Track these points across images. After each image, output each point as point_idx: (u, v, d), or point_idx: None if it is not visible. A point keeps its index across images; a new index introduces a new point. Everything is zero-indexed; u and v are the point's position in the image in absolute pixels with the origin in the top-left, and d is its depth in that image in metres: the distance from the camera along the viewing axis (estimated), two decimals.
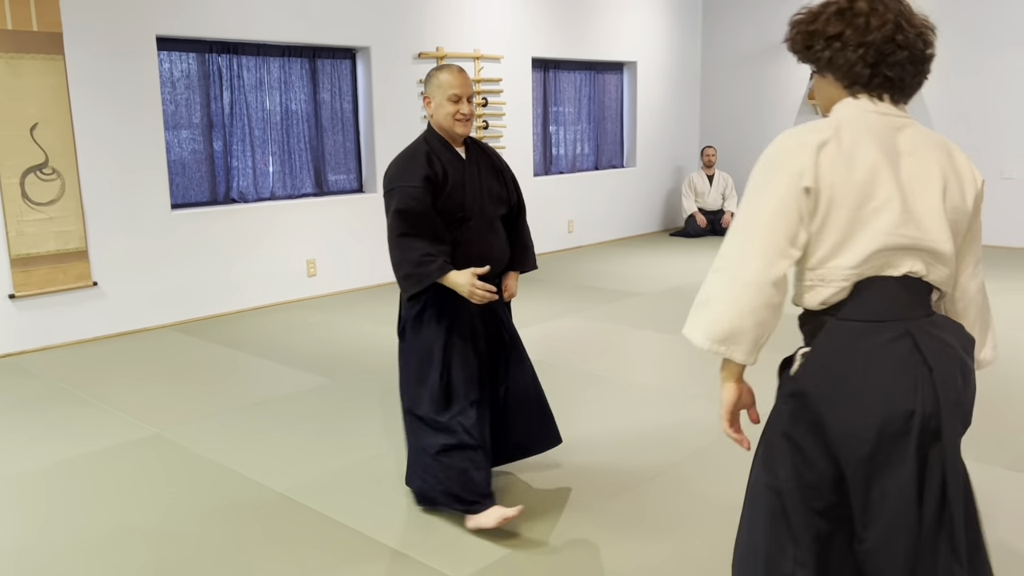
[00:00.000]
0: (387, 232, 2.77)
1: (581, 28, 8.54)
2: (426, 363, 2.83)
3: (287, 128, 6.53)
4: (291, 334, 5.53)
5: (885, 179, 1.56)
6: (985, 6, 7.95)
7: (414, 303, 2.83)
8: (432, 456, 2.79)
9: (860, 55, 1.60)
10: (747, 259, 1.60)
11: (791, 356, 1.69)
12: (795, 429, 1.64)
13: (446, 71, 2.78)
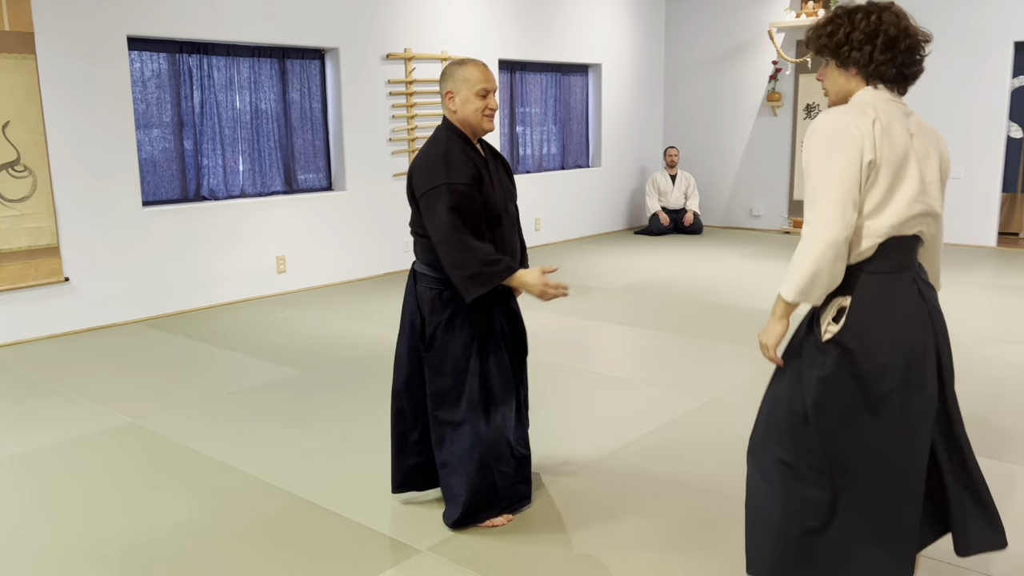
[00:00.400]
0: (437, 231, 2.60)
1: (547, 31, 8.73)
2: (462, 370, 2.71)
3: (257, 127, 6.64)
4: (262, 329, 5.65)
5: (911, 155, 1.98)
6: (927, 13, 8.26)
7: (443, 309, 2.71)
8: (476, 469, 2.73)
9: (888, 58, 2.02)
10: (827, 222, 1.93)
11: (822, 306, 2.04)
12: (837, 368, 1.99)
13: (472, 66, 2.67)
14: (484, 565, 2.61)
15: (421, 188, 2.64)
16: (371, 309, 6.14)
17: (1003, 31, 7.95)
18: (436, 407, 2.77)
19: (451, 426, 2.75)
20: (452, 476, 2.79)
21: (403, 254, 7.61)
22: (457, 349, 2.71)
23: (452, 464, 2.78)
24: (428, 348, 2.75)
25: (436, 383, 2.75)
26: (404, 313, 2.88)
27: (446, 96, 2.70)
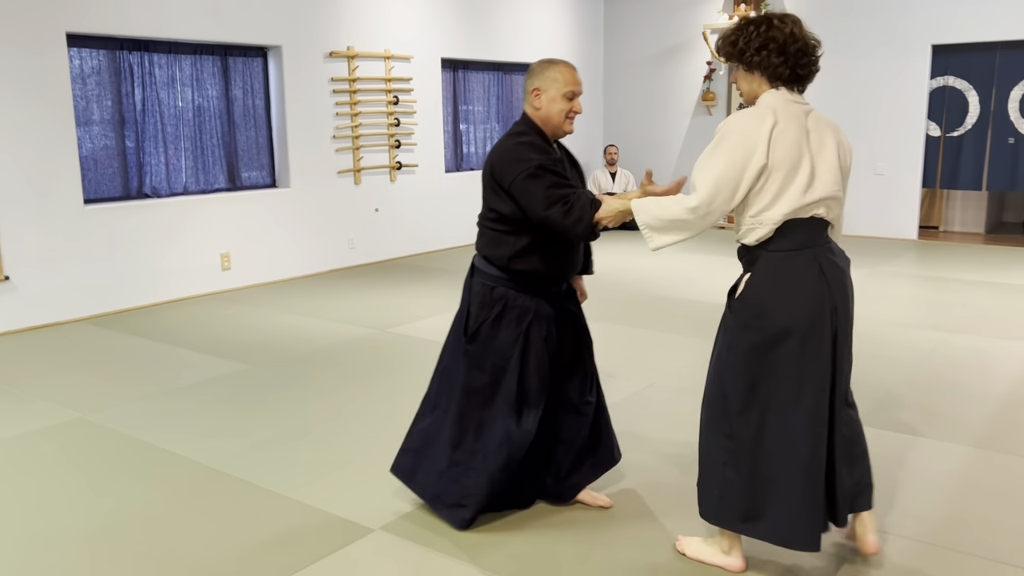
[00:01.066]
0: (544, 201, 2.52)
1: (488, 30, 8.87)
2: (501, 369, 2.70)
3: (199, 124, 6.64)
4: (208, 325, 5.67)
5: (803, 152, 2.27)
6: (851, 19, 8.65)
7: (493, 305, 2.70)
8: (501, 468, 2.72)
9: (782, 61, 2.30)
10: (698, 197, 2.29)
11: (736, 283, 2.38)
12: (742, 333, 2.33)
13: (563, 66, 2.67)
14: (436, 542, 2.74)
15: (511, 175, 2.57)
16: (318, 305, 6.21)
17: (921, 35, 8.37)
18: (467, 402, 2.73)
19: (480, 423, 2.71)
20: (467, 475, 2.73)
21: (348, 251, 7.68)
22: (500, 347, 2.69)
23: (470, 463, 2.72)
24: (471, 341, 2.72)
25: (472, 377, 2.72)
26: (460, 304, 2.86)
27: (532, 92, 2.68)
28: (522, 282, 2.71)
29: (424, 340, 5.19)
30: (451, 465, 2.77)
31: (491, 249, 2.73)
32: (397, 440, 3.59)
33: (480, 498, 2.74)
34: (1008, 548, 2.63)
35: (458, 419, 2.75)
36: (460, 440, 2.75)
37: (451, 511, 2.78)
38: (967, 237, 9.10)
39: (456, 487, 2.76)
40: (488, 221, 2.74)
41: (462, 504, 2.75)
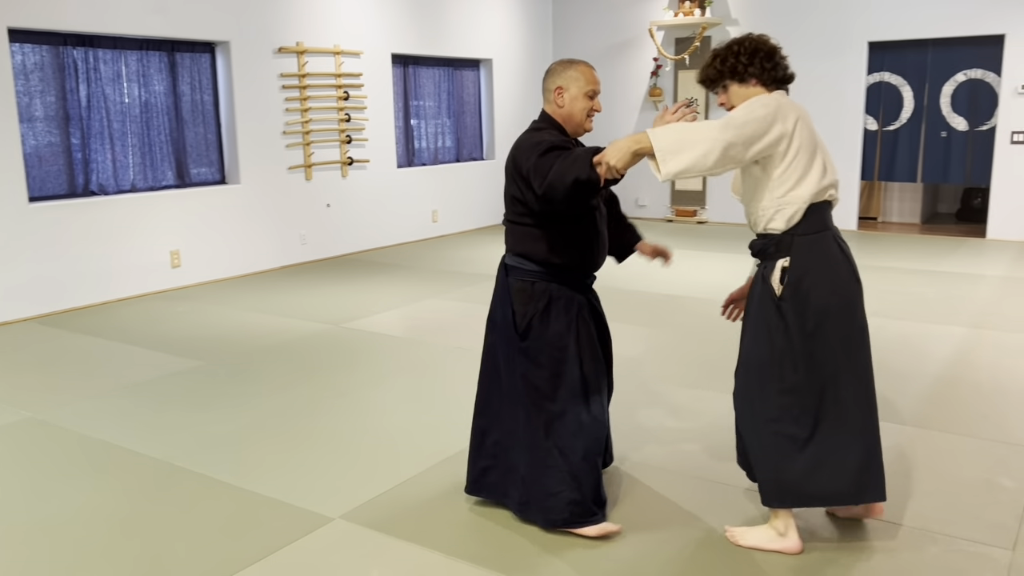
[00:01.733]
0: (544, 170, 2.52)
1: (438, 26, 8.91)
2: (559, 360, 2.69)
3: (147, 121, 6.56)
4: (159, 323, 5.63)
5: (817, 139, 2.49)
6: (792, 16, 8.90)
7: (537, 299, 2.70)
8: (580, 459, 2.69)
9: (772, 65, 2.57)
10: (729, 133, 2.35)
11: (764, 273, 2.53)
12: (797, 320, 2.47)
13: (584, 66, 2.73)
14: (396, 528, 2.80)
15: (528, 160, 2.59)
16: (270, 301, 6.20)
17: (859, 32, 8.64)
18: (533, 400, 2.70)
19: (549, 418, 2.69)
20: (548, 474, 2.68)
21: (299, 247, 7.66)
22: (554, 338, 2.69)
23: (547, 461, 2.68)
24: (524, 338, 2.70)
25: (533, 375, 2.69)
26: (494, 307, 2.83)
27: (555, 91, 2.71)
28: (560, 275, 2.73)
29: (379, 335, 5.23)
30: (531, 467, 2.72)
31: (526, 245, 2.72)
32: (356, 433, 3.65)
33: (568, 495, 2.67)
34: (938, 519, 2.80)
35: (527, 421, 2.71)
36: (533, 441, 2.71)
37: (541, 513, 2.72)
38: (904, 227, 9.43)
39: (540, 489, 2.70)
40: (516, 216, 2.73)
41: (549, 505, 2.69)
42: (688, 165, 2.32)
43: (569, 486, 2.68)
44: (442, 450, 3.43)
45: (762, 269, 2.56)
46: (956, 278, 6.57)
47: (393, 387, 4.25)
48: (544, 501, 2.70)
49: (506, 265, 2.78)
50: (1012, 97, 8.06)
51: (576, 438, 2.69)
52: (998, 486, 3.02)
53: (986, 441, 3.43)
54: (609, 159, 2.33)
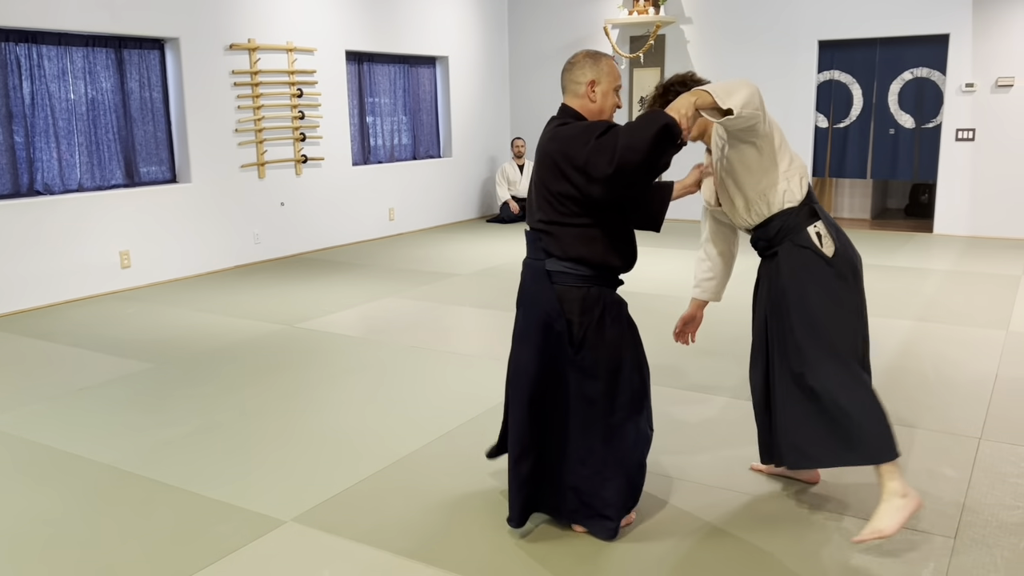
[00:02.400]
0: (605, 149, 2.38)
1: (393, 23, 8.85)
2: (615, 370, 2.59)
3: (94, 119, 6.42)
4: (109, 325, 5.52)
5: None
6: (744, 14, 9.02)
7: (593, 308, 2.56)
8: (637, 467, 2.68)
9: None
10: (754, 87, 2.53)
11: (799, 238, 2.67)
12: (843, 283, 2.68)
13: (610, 60, 2.64)
14: (349, 530, 2.78)
15: (585, 146, 2.41)
16: (223, 302, 6.11)
17: (809, 31, 8.79)
18: (588, 414, 2.58)
19: (608, 431, 2.59)
20: (605, 486, 2.60)
21: (253, 246, 7.56)
22: (610, 348, 2.57)
23: (605, 472, 2.60)
24: (578, 351, 2.56)
25: (589, 388, 2.57)
26: (528, 318, 2.62)
27: (588, 85, 2.58)
28: (610, 278, 2.62)
29: (334, 335, 5.19)
30: (587, 480, 2.61)
31: (581, 248, 2.54)
32: (309, 434, 3.62)
33: (622, 504, 2.64)
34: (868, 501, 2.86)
35: (583, 435, 2.59)
36: (587, 455, 2.60)
37: (598, 523, 2.65)
38: (855, 223, 9.61)
39: (599, 501, 2.62)
40: (567, 216, 2.53)
41: (606, 515, 2.62)
42: (745, 99, 2.45)
43: (627, 496, 2.66)
44: (396, 451, 3.42)
45: (794, 240, 2.67)
46: (903, 272, 6.72)
47: (347, 387, 4.22)
48: (604, 510, 2.62)
49: (548, 271, 2.56)
50: (956, 95, 8.26)
51: (635, 448, 2.65)
52: (941, 475, 3.10)
53: (930, 432, 3.52)
54: (680, 109, 2.37)
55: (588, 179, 2.44)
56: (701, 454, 3.34)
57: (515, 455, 2.61)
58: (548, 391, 2.59)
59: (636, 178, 2.41)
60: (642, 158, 2.34)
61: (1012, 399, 3.87)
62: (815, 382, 2.60)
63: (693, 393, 4.05)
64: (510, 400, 2.67)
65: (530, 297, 2.62)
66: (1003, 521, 2.75)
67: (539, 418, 2.60)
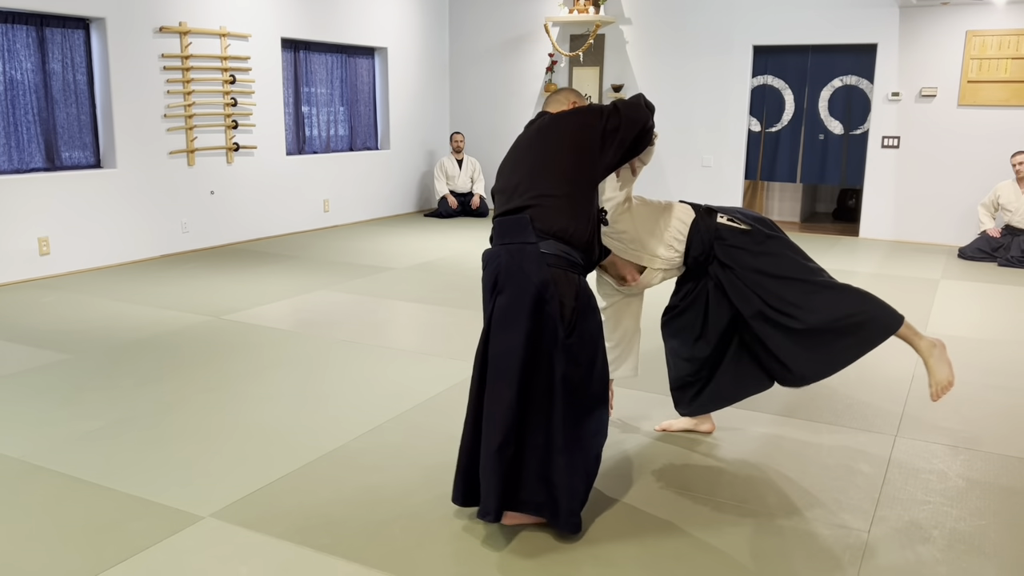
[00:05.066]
0: (632, 113, 2.68)
1: (331, 12, 8.71)
2: (592, 358, 2.62)
3: (12, 99, 6.15)
4: (23, 313, 5.30)
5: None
6: (683, 18, 9.15)
7: (582, 293, 2.58)
8: (594, 458, 2.68)
9: None
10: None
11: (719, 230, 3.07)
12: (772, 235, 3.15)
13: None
14: (267, 526, 2.72)
15: (597, 118, 2.64)
16: (147, 291, 5.92)
17: (744, 36, 8.96)
18: (569, 399, 2.54)
19: (579, 416, 2.58)
20: (573, 477, 2.56)
21: (181, 235, 7.36)
22: (590, 334, 2.61)
23: (575, 461, 2.56)
24: (569, 335, 2.54)
25: (573, 372, 2.54)
26: (517, 300, 2.52)
27: (571, 104, 2.83)
28: (589, 266, 2.67)
29: (261, 327, 5.08)
30: (560, 468, 2.53)
31: (571, 225, 2.56)
32: (229, 428, 3.53)
33: (584, 494, 2.62)
34: (800, 502, 2.93)
35: (563, 421, 2.53)
36: (564, 444, 2.54)
37: (565, 516, 2.56)
38: (785, 225, 9.83)
39: (565, 491, 2.55)
40: (558, 187, 2.59)
41: (572, 508, 2.57)
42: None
43: (586, 486, 2.64)
44: (321, 446, 3.36)
45: (717, 237, 3.05)
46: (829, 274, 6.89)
47: (273, 381, 4.13)
48: (571, 502, 2.55)
49: (542, 253, 2.52)
50: (883, 103, 8.52)
51: (596, 437, 2.67)
52: (858, 472, 3.19)
53: (849, 430, 3.62)
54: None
55: (614, 142, 2.64)
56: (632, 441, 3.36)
57: (498, 442, 2.49)
58: (535, 374, 2.53)
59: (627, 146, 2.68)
60: (636, 132, 2.67)
61: (927, 398, 4.00)
62: (815, 321, 2.97)
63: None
64: (491, 386, 2.54)
65: (519, 279, 2.53)
66: (914, 515, 2.84)
67: (525, 402, 2.53)
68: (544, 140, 2.67)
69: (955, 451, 3.40)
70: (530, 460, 2.56)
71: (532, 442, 2.55)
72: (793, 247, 3.13)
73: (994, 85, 8.03)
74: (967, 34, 8.06)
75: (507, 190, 2.69)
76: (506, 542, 2.64)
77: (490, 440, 2.52)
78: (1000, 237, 7.57)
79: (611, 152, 2.64)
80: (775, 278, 3.03)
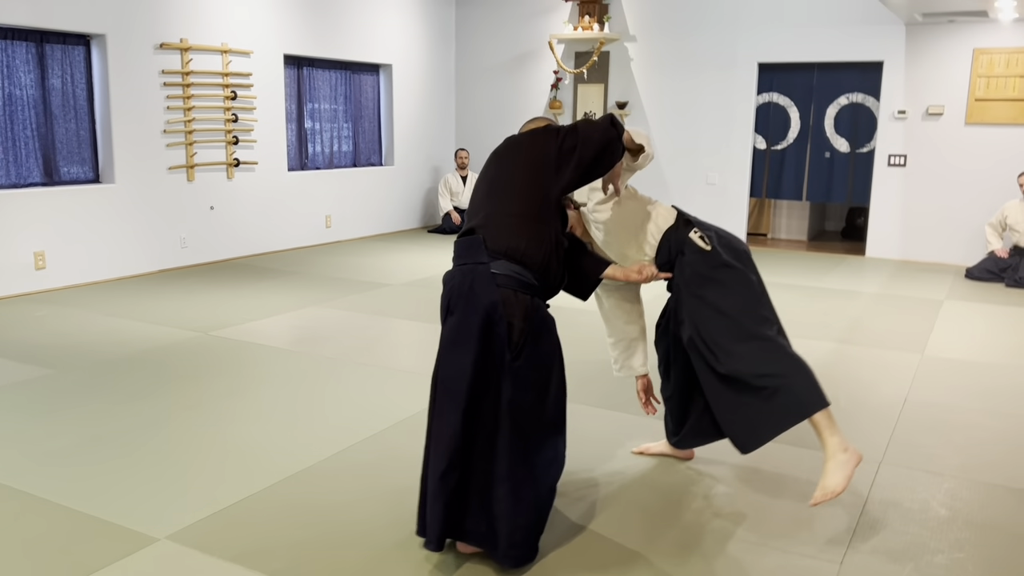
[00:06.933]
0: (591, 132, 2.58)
1: (336, 29, 8.74)
2: (544, 386, 2.55)
3: (11, 114, 6.20)
4: (14, 328, 5.30)
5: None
6: (687, 36, 9.10)
7: (533, 316, 2.50)
8: (548, 491, 2.60)
9: None
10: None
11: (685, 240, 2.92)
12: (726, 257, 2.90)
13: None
14: (221, 550, 2.66)
15: (554, 138, 2.57)
16: (141, 307, 5.92)
17: (749, 53, 8.89)
18: (517, 426, 2.47)
19: (528, 446, 2.50)
20: (518, 508, 2.46)
21: (179, 250, 7.37)
22: (541, 363, 2.53)
23: (520, 493, 2.47)
24: (516, 358, 2.47)
25: (518, 398, 2.47)
26: (466, 321, 2.47)
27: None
28: (545, 289, 2.59)
29: (249, 344, 5.05)
30: (503, 500, 2.45)
31: (527, 246, 2.51)
32: (200, 448, 3.49)
33: (534, 529, 2.53)
34: (777, 530, 2.83)
35: (508, 449, 2.46)
36: (511, 471, 2.45)
37: (508, 551, 2.48)
38: (792, 244, 9.73)
39: (509, 524, 2.46)
40: (518, 205, 2.54)
41: (514, 542, 2.47)
42: (646, 138, 2.81)
43: (534, 518, 2.53)
44: (289, 466, 3.30)
45: (683, 250, 2.89)
46: (831, 294, 6.78)
47: (252, 399, 4.09)
48: (512, 536, 2.46)
49: (493, 274, 2.47)
50: (889, 121, 8.42)
51: (550, 468, 2.58)
52: (837, 499, 3.08)
53: None
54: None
55: (573, 162, 2.55)
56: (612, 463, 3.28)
57: (442, 468, 2.43)
58: (483, 398, 2.46)
59: (583, 168, 2.58)
60: (595, 151, 2.55)
61: (916, 423, 3.90)
62: (732, 368, 2.74)
63: (602, 411, 4.00)
64: (439, 409, 2.49)
65: (469, 299, 2.48)
66: (890, 547, 2.74)
67: (472, 428, 2.45)
68: (502, 161, 2.65)
69: (940, 479, 3.29)
70: (474, 488, 2.48)
71: (478, 469, 2.48)
72: (750, 285, 2.85)
73: (1002, 103, 7.91)
74: (974, 51, 7.95)
75: (469, 210, 2.70)
76: (461, 571, 2.56)
77: (436, 466, 2.45)
78: (1008, 257, 7.42)
79: (568, 172, 2.55)
80: (712, 309, 2.80)
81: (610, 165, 2.67)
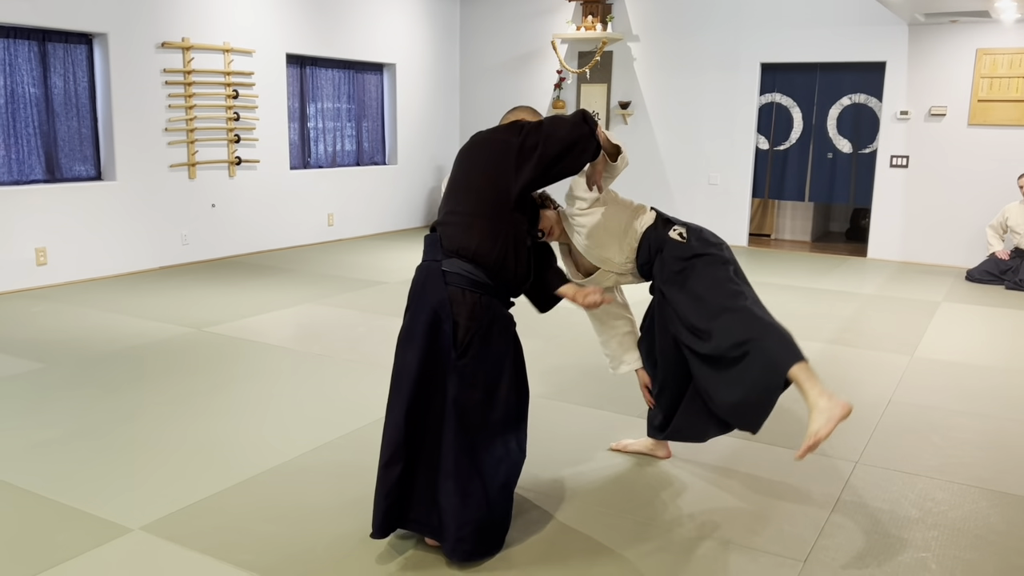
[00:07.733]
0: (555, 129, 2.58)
1: (338, 28, 8.79)
2: (494, 385, 2.55)
3: (13, 112, 6.29)
4: (10, 323, 5.38)
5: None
6: (690, 36, 9.09)
7: (482, 316, 2.51)
8: (500, 487, 2.60)
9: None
10: None
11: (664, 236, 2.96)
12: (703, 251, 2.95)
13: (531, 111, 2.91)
14: (194, 541, 2.70)
15: (516, 135, 2.56)
16: (139, 303, 5.99)
17: (751, 53, 8.87)
18: (462, 423, 2.49)
19: (475, 443, 2.51)
20: (465, 503, 2.48)
21: (180, 248, 7.44)
22: (493, 359, 2.54)
23: (468, 488, 2.49)
24: (461, 356, 2.48)
25: (465, 396, 2.49)
26: (416, 319, 2.52)
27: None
28: (503, 289, 2.59)
29: (241, 340, 5.10)
30: (451, 495, 2.48)
31: (480, 244, 2.51)
32: (179, 441, 3.54)
33: (486, 526, 2.53)
34: (743, 529, 2.84)
35: (453, 445, 2.48)
36: (457, 467, 2.48)
37: (456, 545, 2.50)
38: (795, 245, 9.69)
39: (455, 518, 2.49)
40: (467, 205, 2.55)
41: (463, 535, 2.49)
42: (620, 140, 2.84)
43: (484, 515, 2.52)
44: (266, 461, 3.34)
45: (662, 248, 2.93)
46: (829, 295, 6.76)
47: (236, 394, 4.14)
48: (460, 531, 2.48)
49: (443, 271, 2.51)
50: (892, 122, 8.37)
51: (499, 466, 2.58)
52: (808, 498, 3.09)
53: (811, 454, 3.51)
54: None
55: (534, 160, 2.53)
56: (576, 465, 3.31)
57: (385, 458, 2.51)
58: (428, 395, 2.50)
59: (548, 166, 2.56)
60: (559, 148, 2.53)
61: (896, 425, 3.89)
62: (712, 347, 2.76)
63: (584, 408, 4.02)
64: (388, 404, 2.57)
65: (420, 297, 2.54)
66: (855, 546, 2.75)
67: (415, 422, 2.50)
68: (466, 158, 2.66)
69: (915, 479, 3.29)
70: (420, 480, 2.52)
71: (425, 463, 2.52)
72: (721, 263, 2.90)
73: (1005, 104, 7.85)
74: (977, 52, 7.90)
75: (439, 208, 2.72)
76: (427, 564, 2.59)
77: (381, 457, 2.52)
78: (1009, 259, 7.37)
79: (528, 170, 2.53)
80: (688, 296, 2.85)
81: (580, 163, 2.66)
